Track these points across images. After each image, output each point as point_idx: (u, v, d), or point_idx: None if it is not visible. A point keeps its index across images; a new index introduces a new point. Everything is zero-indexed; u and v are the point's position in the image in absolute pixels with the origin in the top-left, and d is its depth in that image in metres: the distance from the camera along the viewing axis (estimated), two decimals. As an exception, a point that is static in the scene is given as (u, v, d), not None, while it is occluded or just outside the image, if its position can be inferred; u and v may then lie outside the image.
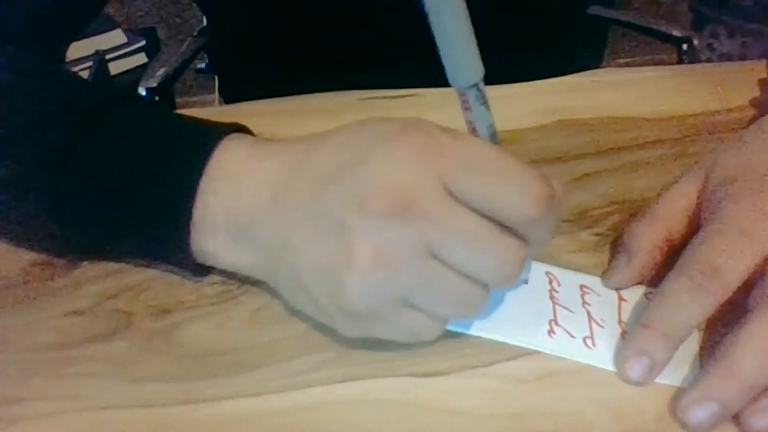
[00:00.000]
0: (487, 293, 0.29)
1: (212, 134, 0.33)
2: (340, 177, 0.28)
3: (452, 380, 0.30)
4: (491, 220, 0.27)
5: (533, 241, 0.28)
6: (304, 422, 0.29)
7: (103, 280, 0.35)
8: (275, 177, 0.31)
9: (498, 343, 0.32)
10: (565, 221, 0.39)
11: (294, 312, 0.33)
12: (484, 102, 0.27)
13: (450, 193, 0.27)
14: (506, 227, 0.27)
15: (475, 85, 0.27)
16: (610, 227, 0.39)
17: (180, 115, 0.35)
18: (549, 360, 0.31)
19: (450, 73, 0.26)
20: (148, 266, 0.36)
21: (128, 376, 0.31)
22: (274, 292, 0.34)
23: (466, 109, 0.27)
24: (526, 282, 0.34)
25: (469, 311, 0.29)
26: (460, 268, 0.28)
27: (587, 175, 0.43)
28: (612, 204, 0.40)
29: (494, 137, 0.28)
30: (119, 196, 0.32)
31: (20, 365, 0.31)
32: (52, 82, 0.37)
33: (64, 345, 0.32)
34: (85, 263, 0.36)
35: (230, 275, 0.35)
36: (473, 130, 0.28)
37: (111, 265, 0.36)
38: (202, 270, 0.34)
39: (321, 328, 0.32)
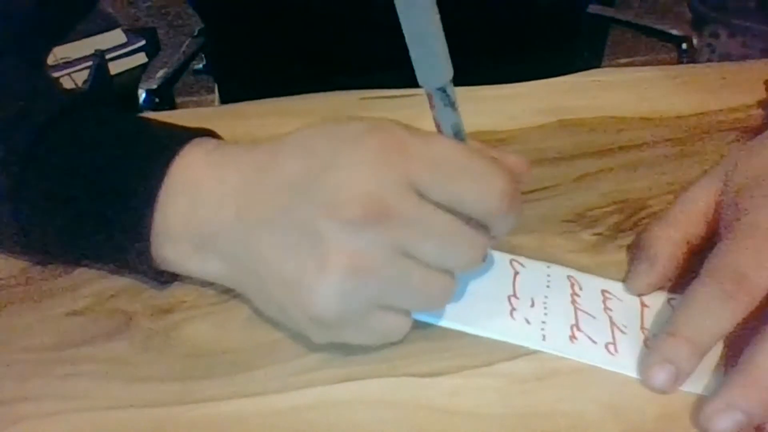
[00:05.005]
0: (454, 281, 0.30)
1: (172, 142, 0.32)
2: (306, 186, 0.28)
3: (452, 380, 0.30)
4: (456, 212, 0.28)
5: (498, 229, 0.30)
6: (304, 422, 0.29)
7: (103, 280, 0.35)
8: (237, 188, 0.30)
9: (498, 342, 0.32)
10: (565, 221, 0.39)
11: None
12: (450, 103, 0.27)
13: (417, 192, 0.27)
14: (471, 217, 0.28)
15: (441, 87, 0.27)
16: (610, 227, 0.39)
17: (142, 120, 0.35)
18: (549, 360, 0.31)
19: (417, 73, 0.27)
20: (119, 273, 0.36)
21: (128, 376, 0.31)
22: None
23: (432, 107, 0.28)
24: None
25: (440, 300, 0.30)
26: (430, 262, 0.29)
27: (587, 175, 0.43)
28: (612, 204, 0.40)
29: (459, 135, 0.29)
30: (79, 204, 0.32)
31: (20, 365, 0.31)
32: (16, 85, 0.37)
33: (64, 345, 0.32)
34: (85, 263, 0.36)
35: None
36: (438, 128, 0.29)
37: (111, 266, 0.36)
38: (166, 277, 0.34)
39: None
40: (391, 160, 0.27)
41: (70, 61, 1.41)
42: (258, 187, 0.30)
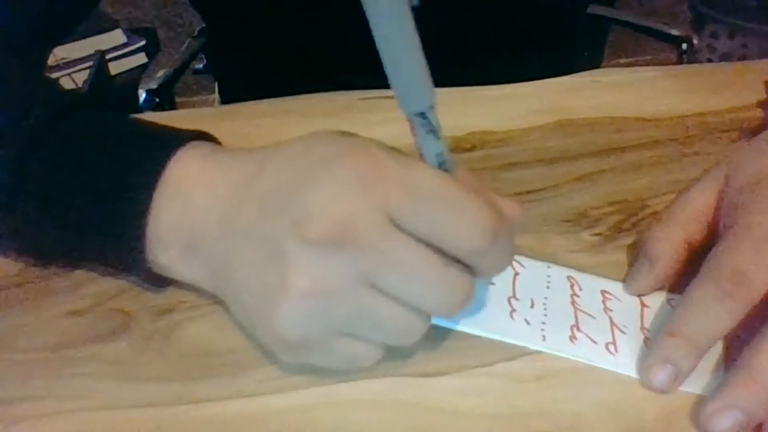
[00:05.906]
0: (428, 321, 0.28)
1: (167, 146, 0.32)
2: (281, 202, 0.27)
3: (452, 380, 0.30)
4: (436, 249, 0.26)
5: (482, 270, 0.28)
6: (303, 422, 0.29)
7: (103, 280, 0.35)
8: (223, 196, 0.30)
9: (498, 343, 0.32)
10: (565, 221, 0.39)
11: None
12: (433, 130, 0.26)
13: (393, 222, 0.26)
14: (453, 256, 0.26)
15: (421, 113, 0.25)
16: (610, 227, 0.39)
17: (139, 122, 0.35)
18: (549, 360, 0.31)
19: (395, 96, 0.24)
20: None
21: (128, 376, 0.31)
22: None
23: (414, 134, 0.26)
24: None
25: (409, 339, 0.28)
26: (400, 299, 0.27)
27: (587, 175, 0.43)
28: (612, 204, 0.40)
29: (444, 164, 0.27)
30: (74, 207, 0.32)
31: (20, 365, 0.31)
32: (15, 85, 0.36)
33: (64, 345, 0.32)
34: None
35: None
36: (421, 156, 0.27)
37: (108, 267, 0.36)
38: (162, 280, 0.34)
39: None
40: (368, 185, 0.26)
41: (70, 61, 1.41)
42: (241, 198, 0.30)
